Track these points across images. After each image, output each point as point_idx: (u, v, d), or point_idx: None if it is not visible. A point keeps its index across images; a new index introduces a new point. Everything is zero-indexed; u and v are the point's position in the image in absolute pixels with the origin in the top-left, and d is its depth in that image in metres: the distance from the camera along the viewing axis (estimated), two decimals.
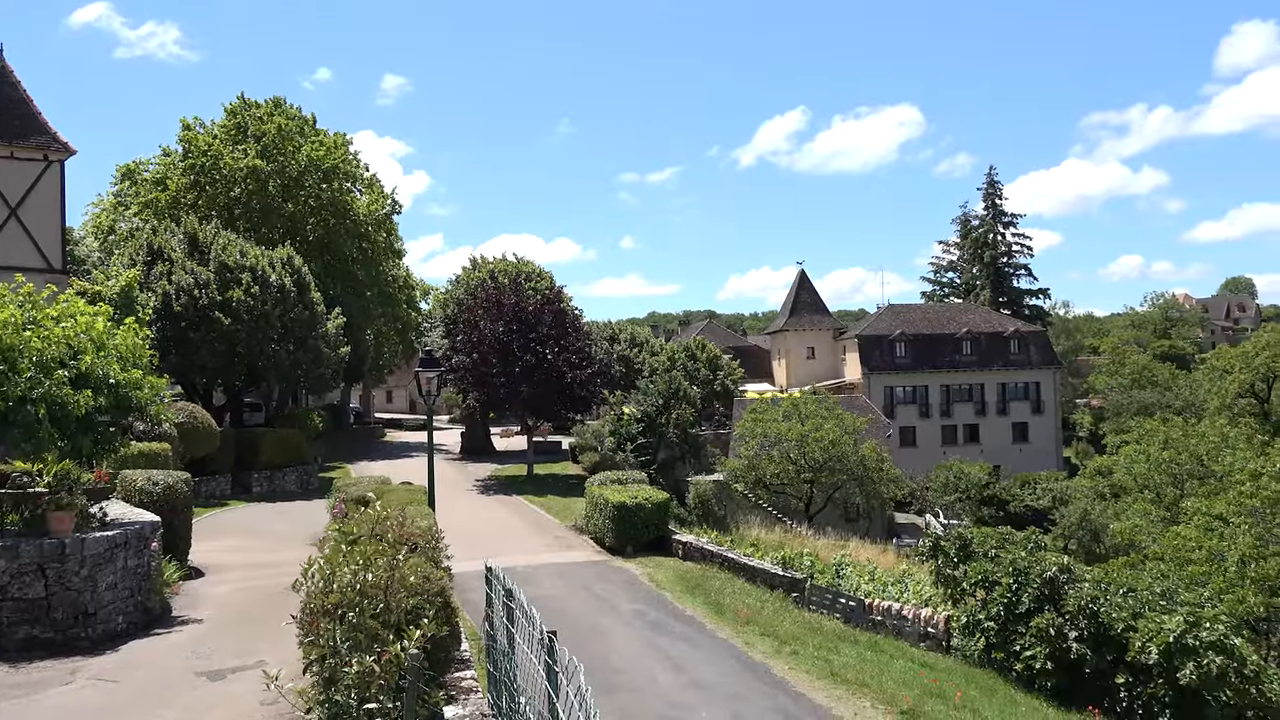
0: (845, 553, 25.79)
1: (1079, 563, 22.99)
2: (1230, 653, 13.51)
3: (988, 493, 51.56)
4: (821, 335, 74.81)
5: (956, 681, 14.00)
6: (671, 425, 38.29)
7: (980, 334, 69.78)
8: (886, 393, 66.61)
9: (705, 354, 57.43)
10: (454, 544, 16.84)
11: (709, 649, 15.20)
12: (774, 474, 36.28)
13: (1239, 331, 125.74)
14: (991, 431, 67.59)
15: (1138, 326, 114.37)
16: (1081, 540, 40.93)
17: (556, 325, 40.18)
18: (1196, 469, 33.47)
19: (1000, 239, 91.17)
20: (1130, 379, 75.93)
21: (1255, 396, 58.43)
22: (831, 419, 37.12)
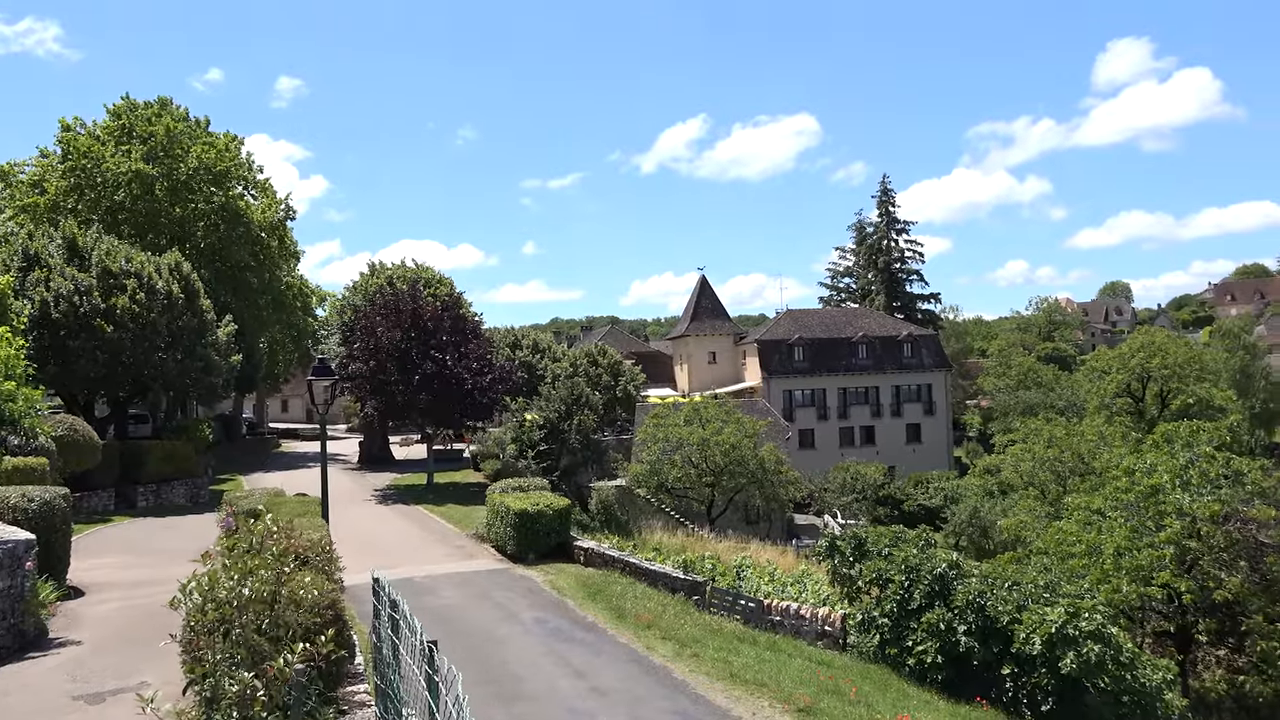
0: (746, 555, 26.12)
1: (969, 559, 23.78)
2: (1107, 641, 14.13)
3: (883, 493, 52.91)
4: (722, 340, 75.66)
5: (852, 678, 14.29)
6: (574, 431, 38.20)
7: (875, 338, 71.54)
8: (786, 396, 67.75)
9: (608, 360, 57.51)
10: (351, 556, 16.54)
11: (610, 654, 15.20)
12: (676, 478, 36.55)
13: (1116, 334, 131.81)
14: (886, 433, 69.36)
15: (1023, 330, 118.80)
16: (971, 537, 42.32)
17: (456, 331, 39.71)
18: (1078, 466, 34.93)
19: (894, 245, 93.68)
20: (1016, 380, 78.77)
21: (1131, 396, 61.25)
22: (732, 423, 37.59)
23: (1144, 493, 22.38)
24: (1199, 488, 22.18)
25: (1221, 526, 21.07)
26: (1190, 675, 22.83)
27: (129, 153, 47.93)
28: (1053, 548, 23.44)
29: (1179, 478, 22.41)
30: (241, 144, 54.25)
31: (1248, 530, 21.04)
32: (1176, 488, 22.14)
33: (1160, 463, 23.23)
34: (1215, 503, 21.33)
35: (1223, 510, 21.29)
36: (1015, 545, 29.82)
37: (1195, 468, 22.76)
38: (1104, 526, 22.57)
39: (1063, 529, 23.86)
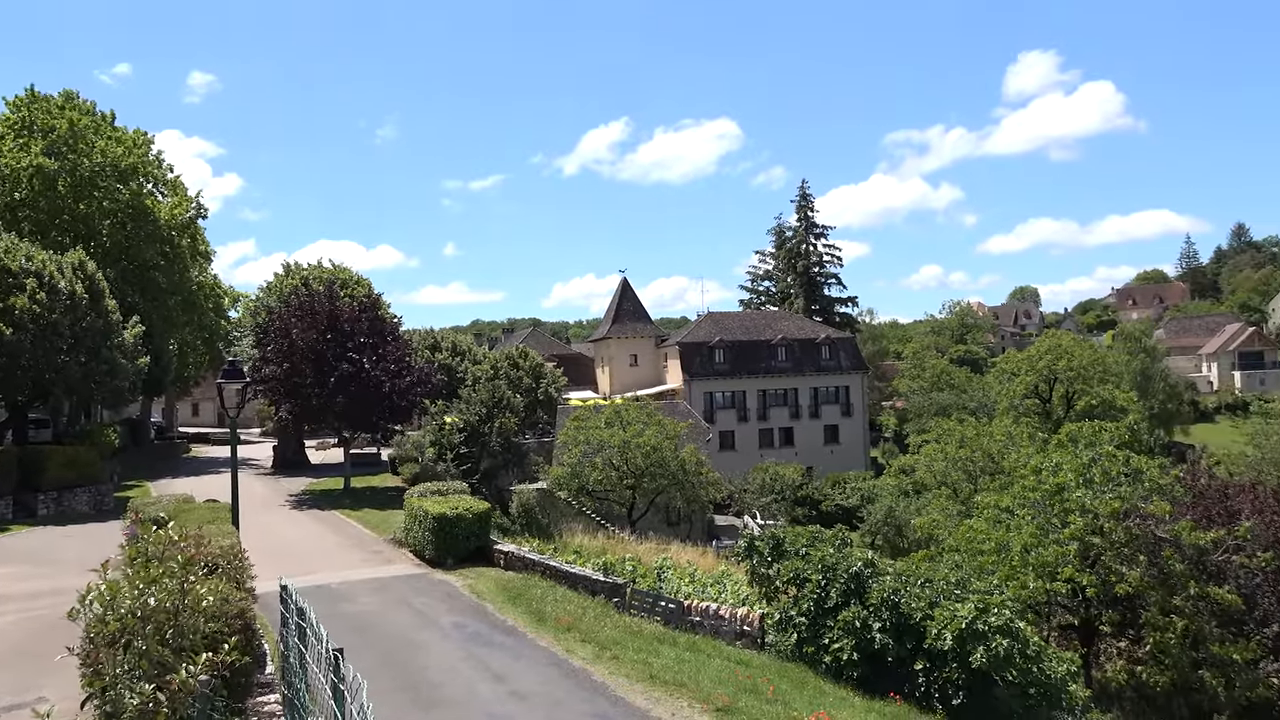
0: (667, 556, 26.22)
1: (884, 557, 24.25)
2: (1015, 635, 14.54)
3: (801, 493, 53.67)
4: (644, 343, 75.89)
5: (770, 676, 14.45)
6: (495, 434, 37.90)
7: (794, 340, 72.51)
8: (707, 398, 68.22)
9: (529, 362, 57.12)
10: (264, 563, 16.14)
11: (530, 658, 15.13)
12: (597, 481, 36.51)
13: (1025, 337, 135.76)
14: (805, 434, 70.33)
15: (937, 333, 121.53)
16: (887, 535, 43.17)
17: (374, 333, 39.08)
18: (988, 465, 35.91)
19: (812, 250, 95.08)
20: (930, 382, 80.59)
21: (1039, 397, 63.15)
22: (653, 425, 37.69)
23: (1050, 491, 23.11)
24: (1101, 486, 22.99)
25: (1122, 522, 21.85)
26: (1093, 667, 23.64)
27: (29, 147, 46.10)
28: (964, 545, 24.03)
29: (1082, 476, 23.19)
30: (152, 141, 52.62)
31: (1146, 526, 21.84)
32: (1080, 486, 22.91)
33: (1065, 462, 24.01)
34: (1116, 500, 22.12)
35: (1123, 507, 22.08)
36: (928, 543, 30.48)
37: (1098, 466, 23.58)
38: (1012, 524, 23.23)
39: (973, 527, 24.48)
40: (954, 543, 24.93)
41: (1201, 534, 21.10)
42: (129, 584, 6.15)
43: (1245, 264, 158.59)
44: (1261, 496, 24.51)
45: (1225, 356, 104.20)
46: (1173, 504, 22.60)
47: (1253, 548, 21.78)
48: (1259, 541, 22.18)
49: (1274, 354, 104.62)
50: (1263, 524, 22.71)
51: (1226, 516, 23.09)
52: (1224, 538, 21.66)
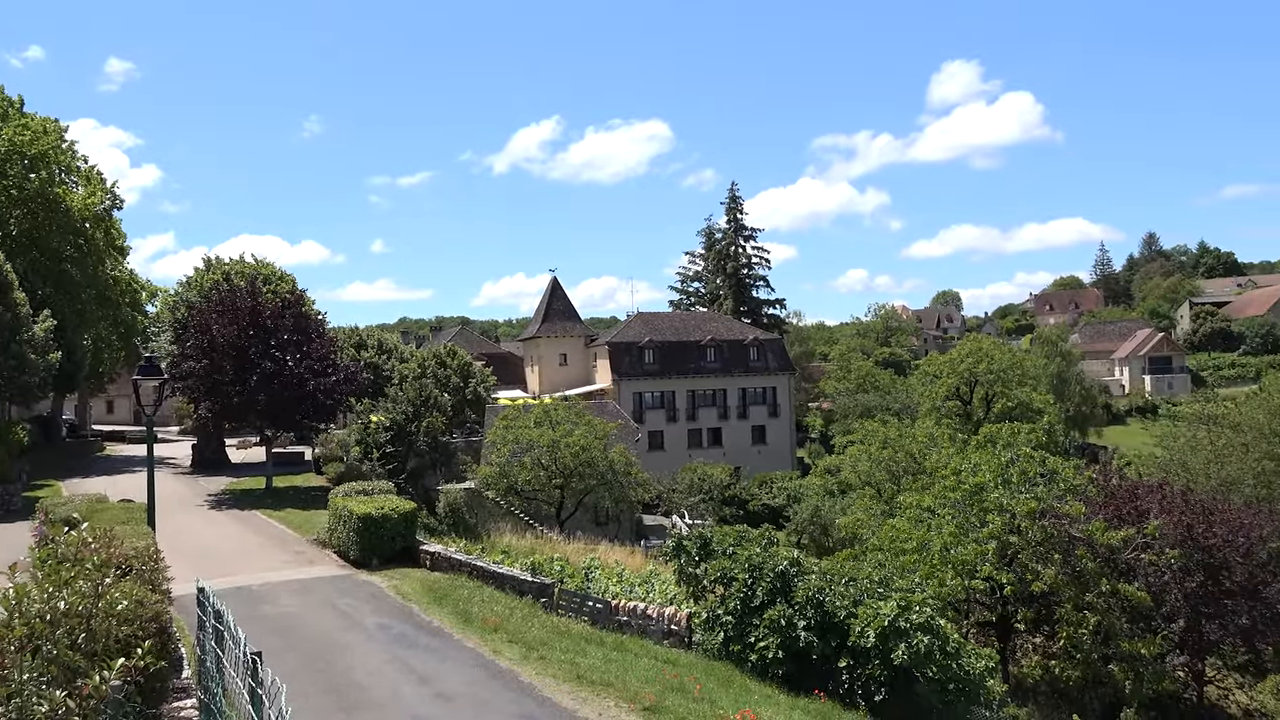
0: (595, 556, 26.20)
1: (810, 556, 24.61)
2: (936, 632, 14.86)
3: (729, 493, 54.08)
4: (574, 342, 75.74)
5: (697, 675, 14.53)
6: (422, 433, 37.47)
7: (723, 341, 73.04)
8: (636, 398, 68.34)
9: (457, 361, 56.66)
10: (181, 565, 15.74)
11: (456, 659, 14.99)
12: (526, 480, 36.35)
13: (947, 340, 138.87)
14: (733, 434, 70.88)
15: (862, 335, 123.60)
16: (812, 535, 43.74)
17: (298, 330, 38.30)
18: (910, 466, 36.63)
19: (741, 252, 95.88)
20: (855, 384, 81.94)
21: (960, 399, 64.62)
22: (582, 425, 37.65)
23: (969, 491, 23.68)
24: (1018, 486, 23.65)
25: (1038, 522, 22.50)
26: (1010, 662, 24.28)
27: None
28: (887, 544, 24.50)
29: (1001, 477, 23.82)
30: (64, 128, 50.88)
31: (1061, 525, 22.53)
32: (998, 486, 23.54)
33: (984, 463, 24.62)
34: (1032, 500, 22.78)
35: (1039, 507, 22.74)
36: (853, 542, 31.00)
37: (1015, 467, 24.25)
38: (933, 524, 23.76)
39: (896, 526, 24.97)
40: (877, 542, 25.39)
41: (1113, 533, 21.83)
42: (38, 587, 5.93)
43: (1155, 272, 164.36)
44: (1168, 496, 25.43)
45: (1136, 361, 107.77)
46: (1086, 504, 23.35)
47: (1161, 546, 22.60)
48: (1167, 540, 23.03)
49: (1181, 359, 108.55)
50: (1170, 523, 23.58)
51: (1136, 516, 23.91)
52: (1134, 536, 22.44)
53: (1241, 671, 25.00)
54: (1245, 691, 25.30)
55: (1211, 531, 23.81)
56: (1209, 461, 38.67)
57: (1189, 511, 24.47)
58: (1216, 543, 23.70)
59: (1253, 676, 25.36)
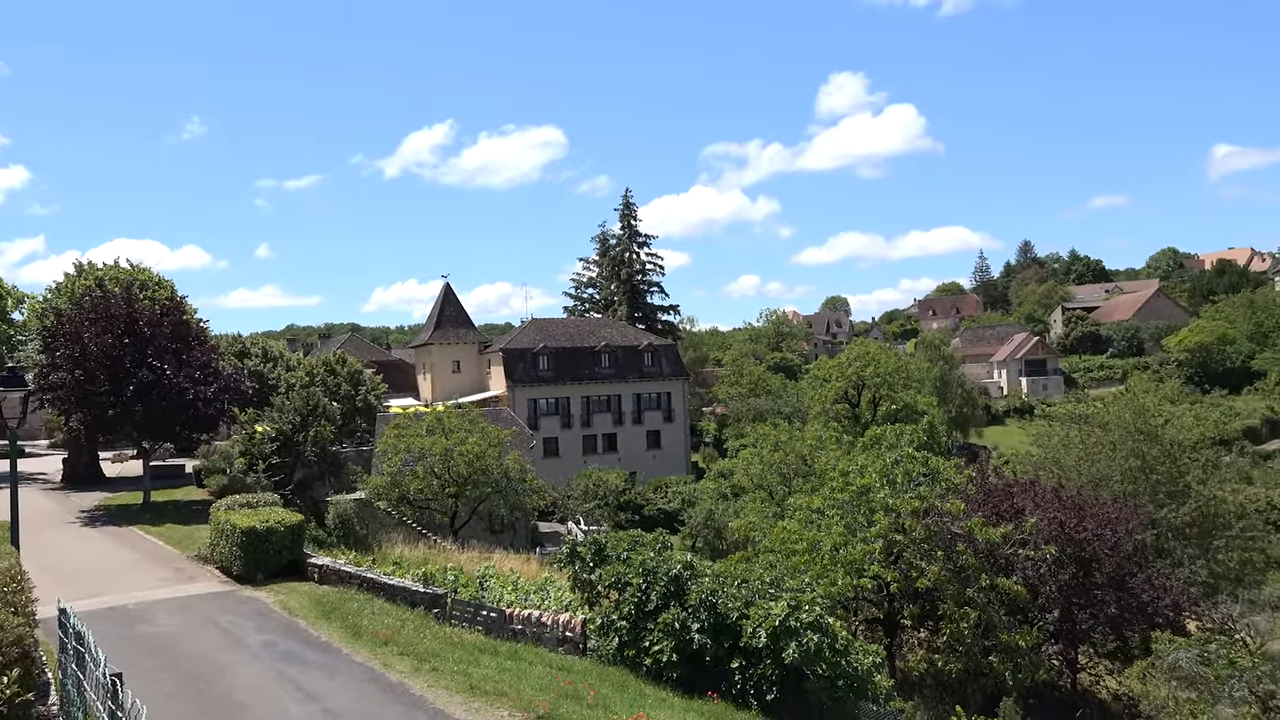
0: (490, 564, 25.97)
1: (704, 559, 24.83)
2: (825, 631, 15.21)
3: (624, 498, 54.24)
4: (467, 349, 74.92)
5: (591, 681, 14.53)
6: (310, 443, 36.51)
7: (618, 347, 73.27)
8: (530, 405, 67.99)
9: (347, 368, 55.34)
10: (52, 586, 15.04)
11: (345, 674, 14.66)
12: (418, 490, 35.78)
13: (836, 345, 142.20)
14: (628, 440, 71.14)
15: (754, 340, 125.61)
16: (707, 538, 44.18)
17: (177, 338, 36.87)
18: (801, 468, 37.34)
19: (635, 258, 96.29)
20: (748, 388, 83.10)
21: (848, 402, 66.17)
22: (476, 432, 37.25)
23: (857, 492, 24.30)
24: (903, 486, 24.36)
25: (922, 520, 23.22)
26: (896, 657, 24.99)
27: None
28: (778, 546, 24.92)
29: (886, 477, 24.50)
30: None
31: (943, 523, 23.30)
32: (884, 486, 24.20)
33: (870, 464, 25.28)
34: (916, 499, 23.50)
35: (923, 506, 23.48)
36: (746, 544, 31.42)
37: (900, 468, 24.98)
38: (823, 524, 24.28)
39: (787, 528, 25.42)
40: (769, 543, 25.79)
41: (992, 530, 22.68)
42: None
43: (1030, 279, 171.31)
44: (1041, 493, 26.59)
45: (1013, 364, 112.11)
46: (966, 502, 24.21)
47: (1036, 541, 23.60)
48: (1042, 535, 24.06)
49: (1055, 361, 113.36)
50: (1045, 519, 24.65)
51: (1013, 512, 24.93)
52: (1011, 532, 23.37)
53: (1110, 658, 26.24)
54: (1114, 677, 26.57)
55: (1083, 526, 24.97)
56: (1080, 459, 40.48)
57: (1061, 508, 25.63)
58: (1087, 537, 24.86)
59: (1120, 663, 26.65)
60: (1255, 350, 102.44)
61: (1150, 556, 30.37)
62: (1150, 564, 29.01)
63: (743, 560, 24.83)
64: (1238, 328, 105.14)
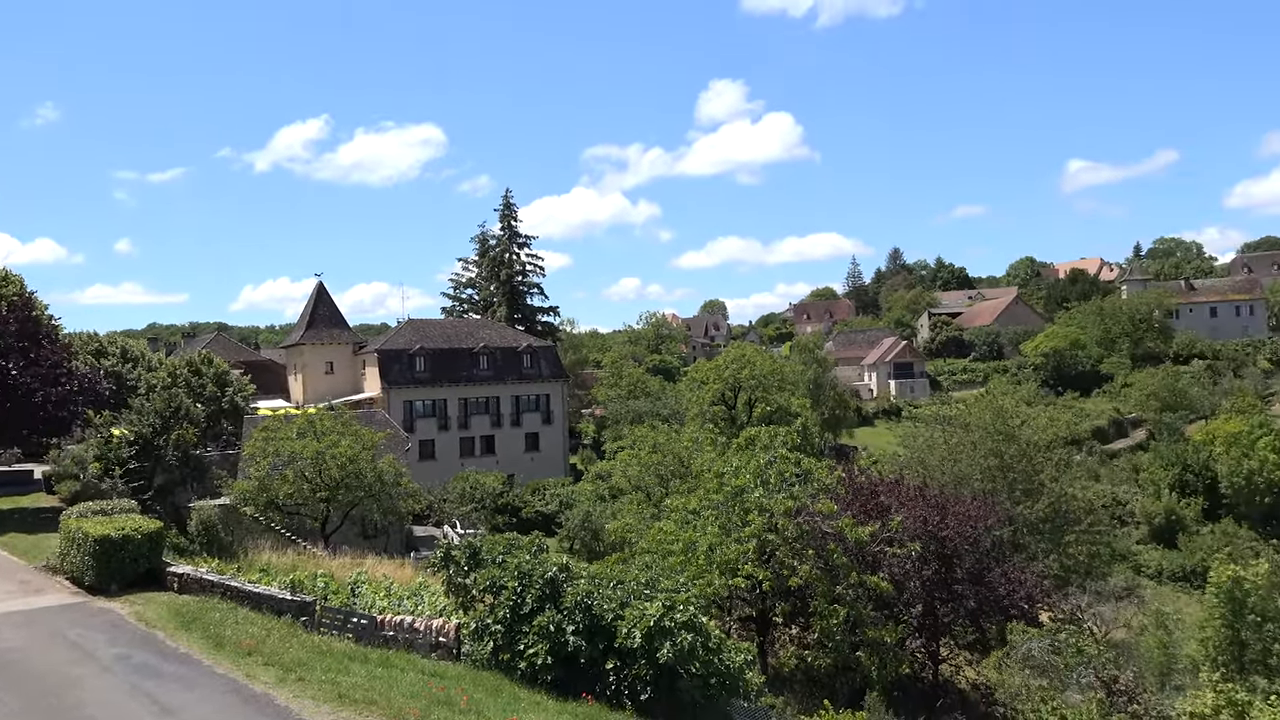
0: (362, 570, 25.36)
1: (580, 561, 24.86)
2: (699, 630, 15.40)
3: (502, 501, 53.86)
4: (341, 349, 73.13)
5: (465, 686, 14.37)
6: (171, 447, 34.95)
7: (496, 349, 72.74)
8: (406, 407, 66.86)
9: (213, 369, 53.27)
10: None
11: (206, 686, 14.11)
12: (288, 494, 34.71)
13: (714, 347, 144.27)
14: (506, 442, 70.67)
15: (634, 342, 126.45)
16: (584, 540, 44.23)
17: (25, 336, 34.82)
18: (678, 469, 37.73)
19: (515, 259, 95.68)
20: (627, 390, 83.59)
21: (725, 404, 67.22)
22: (349, 435, 36.41)
23: (732, 492, 24.70)
24: (776, 486, 24.89)
25: (794, 520, 23.79)
26: (769, 654, 25.54)
27: None
28: (655, 547, 25.12)
29: (760, 477, 24.98)
30: None
31: (814, 522, 23.92)
32: (758, 487, 24.68)
33: (744, 464, 25.74)
34: (789, 499, 24.04)
35: (795, 505, 24.05)
36: (623, 546, 31.56)
37: (774, 468, 25.51)
38: (698, 525, 24.59)
39: (663, 529, 25.66)
40: (646, 544, 25.98)
41: (861, 529, 23.41)
42: None
43: (899, 285, 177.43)
44: (906, 492, 27.62)
45: (883, 367, 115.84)
46: (836, 501, 24.92)
47: (902, 538, 24.48)
48: (907, 532, 24.97)
49: (921, 365, 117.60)
50: (911, 517, 25.60)
51: (880, 511, 25.80)
52: (879, 531, 24.18)
53: (970, 650, 27.47)
54: (973, 668, 27.82)
55: (945, 524, 26.06)
56: (944, 459, 42.21)
57: (926, 506, 26.69)
58: (949, 534, 25.96)
59: (979, 654, 27.94)
60: (1104, 355, 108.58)
61: (1007, 551, 31.88)
62: (1007, 559, 30.47)
63: (619, 562, 24.93)
64: (1088, 334, 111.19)
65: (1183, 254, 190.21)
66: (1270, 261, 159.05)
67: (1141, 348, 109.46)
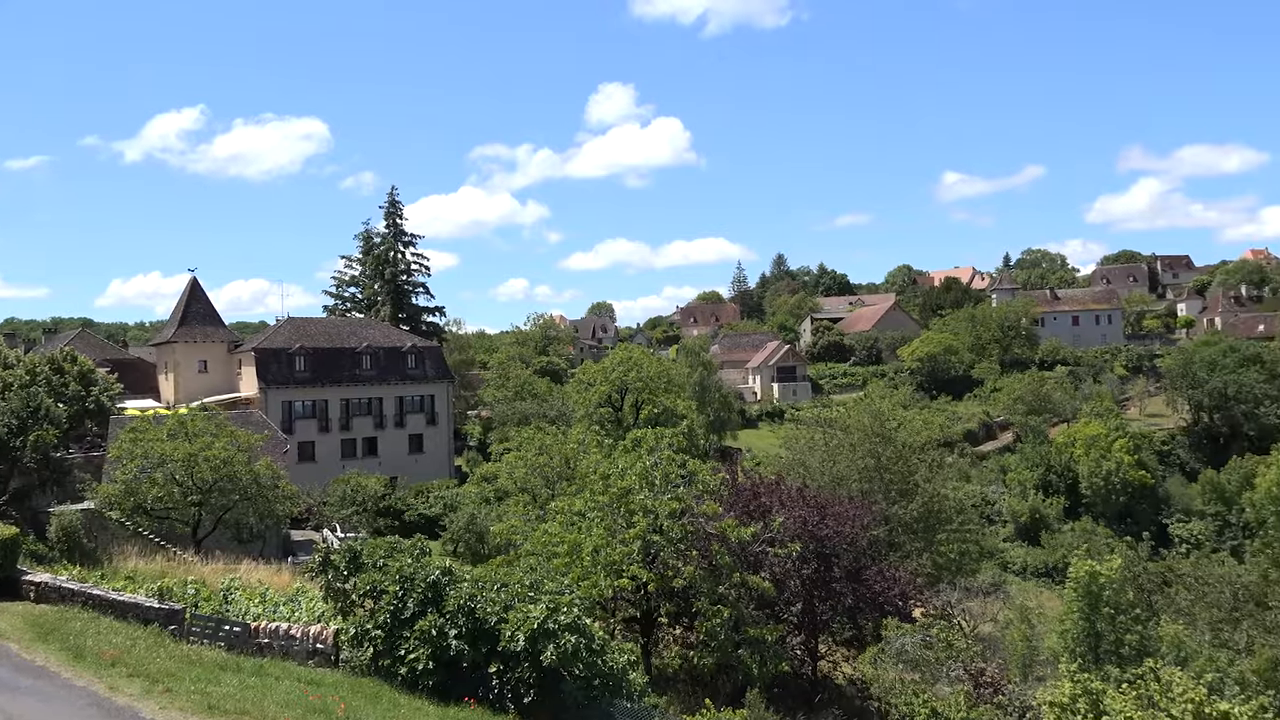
0: (236, 576, 24.58)
1: (464, 564, 24.61)
2: (582, 631, 15.43)
3: (384, 503, 52.85)
4: (216, 348, 70.54)
5: (342, 694, 14.08)
6: (29, 449, 33.15)
7: (380, 349, 71.35)
8: (285, 407, 64.99)
9: (76, 367, 50.68)
10: None
11: (64, 700, 13.45)
12: (157, 498, 33.35)
13: (602, 349, 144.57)
14: (390, 443, 69.38)
15: (522, 344, 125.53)
16: (468, 543, 43.74)
17: None
18: (564, 471, 37.67)
19: (401, 257, 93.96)
20: (514, 391, 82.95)
21: (612, 406, 67.41)
22: (224, 436, 35.25)
23: (618, 494, 24.82)
24: (662, 488, 25.12)
25: (679, 521, 24.06)
26: (653, 654, 25.76)
27: None
28: (540, 549, 25.05)
29: (646, 479, 25.17)
30: None
31: (699, 523, 24.26)
32: (644, 488, 24.86)
33: (630, 466, 25.90)
34: (674, 501, 24.30)
35: (680, 507, 24.32)
36: (508, 549, 31.33)
37: (659, 470, 25.73)
38: (584, 527, 24.63)
39: (548, 531, 25.62)
40: (531, 547, 25.87)
41: (743, 529, 23.82)
42: None
43: (783, 290, 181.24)
44: (787, 493, 28.24)
45: (766, 370, 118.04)
46: (720, 502, 25.30)
47: (783, 539, 25.02)
48: (788, 532, 25.54)
49: (804, 368, 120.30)
50: (791, 517, 26.19)
51: (761, 512, 26.33)
52: (761, 531, 24.66)
53: (847, 646, 28.29)
54: (850, 663, 28.63)
55: (824, 524, 26.76)
56: (823, 460, 43.25)
57: (806, 507, 27.35)
58: (828, 534, 26.67)
59: (856, 650, 28.76)
60: (975, 360, 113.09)
61: (883, 550, 32.92)
62: (883, 557, 31.49)
63: (504, 564, 24.76)
64: (961, 339, 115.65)
65: (1048, 265, 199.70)
66: (1127, 274, 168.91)
67: (1010, 354, 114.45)
